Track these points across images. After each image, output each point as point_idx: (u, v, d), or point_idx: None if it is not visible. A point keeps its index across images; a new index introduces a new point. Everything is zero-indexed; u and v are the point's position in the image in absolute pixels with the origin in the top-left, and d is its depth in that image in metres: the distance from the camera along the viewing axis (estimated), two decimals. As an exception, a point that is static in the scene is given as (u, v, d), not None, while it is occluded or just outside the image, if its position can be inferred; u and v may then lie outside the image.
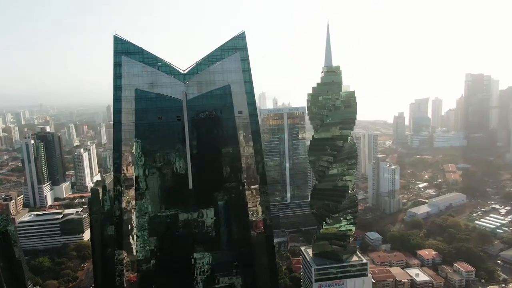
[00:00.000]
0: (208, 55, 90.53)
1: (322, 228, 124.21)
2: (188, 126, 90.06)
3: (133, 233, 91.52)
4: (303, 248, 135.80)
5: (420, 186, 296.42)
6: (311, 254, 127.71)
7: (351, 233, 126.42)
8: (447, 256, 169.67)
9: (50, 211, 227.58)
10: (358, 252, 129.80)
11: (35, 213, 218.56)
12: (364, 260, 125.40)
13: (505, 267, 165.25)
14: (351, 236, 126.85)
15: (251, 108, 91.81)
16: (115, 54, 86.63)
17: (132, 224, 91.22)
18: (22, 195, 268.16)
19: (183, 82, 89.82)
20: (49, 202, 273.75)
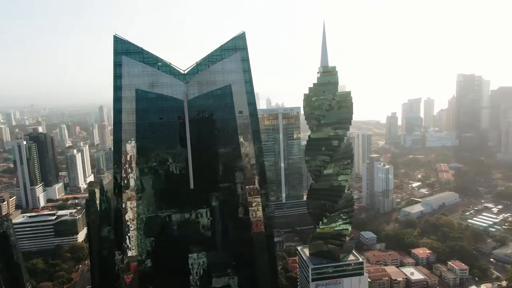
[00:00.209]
0: (208, 55, 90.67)
1: (318, 228, 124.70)
2: (189, 126, 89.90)
3: (133, 234, 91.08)
4: (299, 248, 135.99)
5: (413, 185, 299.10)
6: (307, 254, 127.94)
7: (347, 233, 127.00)
8: (441, 254, 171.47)
9: (44, 213, 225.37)
10: (354, 251, 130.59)
11: (27, 214, 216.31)
12: (360, 259, 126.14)
13: (497, 265, 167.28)
14: (348, 235, 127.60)
15: (251, 108, 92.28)
16: (115, 54, 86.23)
17: (132, 224, 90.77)
18: (14, 197, 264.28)
19: (183, 82, 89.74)
20: (42, 203, 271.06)
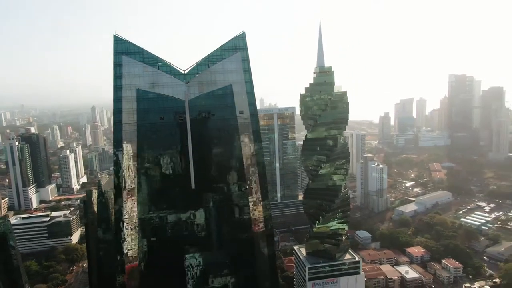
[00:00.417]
0: (209, 55, 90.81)
1: (315, 227, 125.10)
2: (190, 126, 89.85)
3: (133, 234, 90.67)
4: (296, 248, 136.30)
5: (407, 184, 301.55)
6: (304, 253, 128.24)
7: (344, 232, 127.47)
8: (435, 253, 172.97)
9: (37, 214, 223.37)
10: (350, 250, 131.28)
11: (20, 216, 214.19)
12: (356, 258, 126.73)
13: (491, 263, 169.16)
14: (344, 234, 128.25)
15: (251, 108, 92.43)
16: (115, 54, 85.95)
17: (132, 225, 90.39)
18: (6, 198, 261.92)
19: (184, 82, 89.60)
20: (35, 204, 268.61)
